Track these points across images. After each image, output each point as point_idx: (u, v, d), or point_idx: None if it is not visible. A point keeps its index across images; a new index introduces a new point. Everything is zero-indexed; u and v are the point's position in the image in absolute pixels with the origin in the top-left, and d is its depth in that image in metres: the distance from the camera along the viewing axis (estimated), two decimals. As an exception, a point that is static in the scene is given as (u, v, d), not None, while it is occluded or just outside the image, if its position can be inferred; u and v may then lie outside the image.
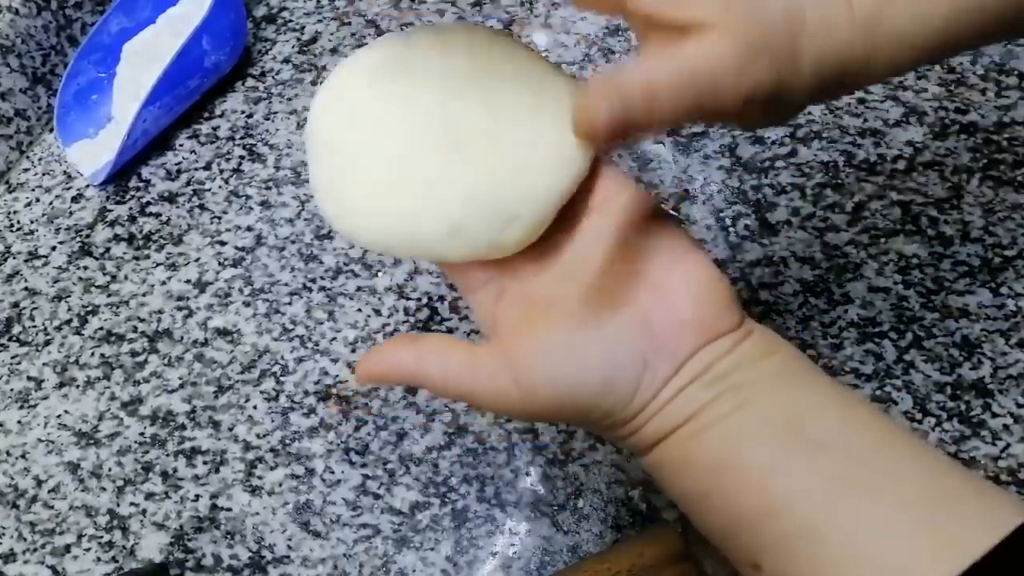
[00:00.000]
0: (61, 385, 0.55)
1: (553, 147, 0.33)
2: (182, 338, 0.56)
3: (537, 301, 0.34)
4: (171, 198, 0.63)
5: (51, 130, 0.69)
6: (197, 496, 0.50)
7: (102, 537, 0.49)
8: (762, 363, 0.32)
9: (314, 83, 0.67)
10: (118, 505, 0.50)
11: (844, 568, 0.28)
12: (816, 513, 0.29)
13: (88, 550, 0.49)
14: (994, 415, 0.47)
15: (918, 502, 0.28)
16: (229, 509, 0.49)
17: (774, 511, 0.30)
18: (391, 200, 0.34)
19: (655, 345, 0.32)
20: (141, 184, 0.64)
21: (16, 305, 0.60)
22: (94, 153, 0.66)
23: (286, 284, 0.57)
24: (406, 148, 0.34)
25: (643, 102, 0.30)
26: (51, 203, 0.65)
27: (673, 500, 0.34)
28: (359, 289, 0.56)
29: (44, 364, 0.56)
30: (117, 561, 0.48)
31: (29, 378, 0.56)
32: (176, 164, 0.65)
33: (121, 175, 0.65)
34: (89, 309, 0.58)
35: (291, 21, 0.72)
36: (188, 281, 0.59)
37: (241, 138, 0.66)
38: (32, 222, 0.64)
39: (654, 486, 0.47)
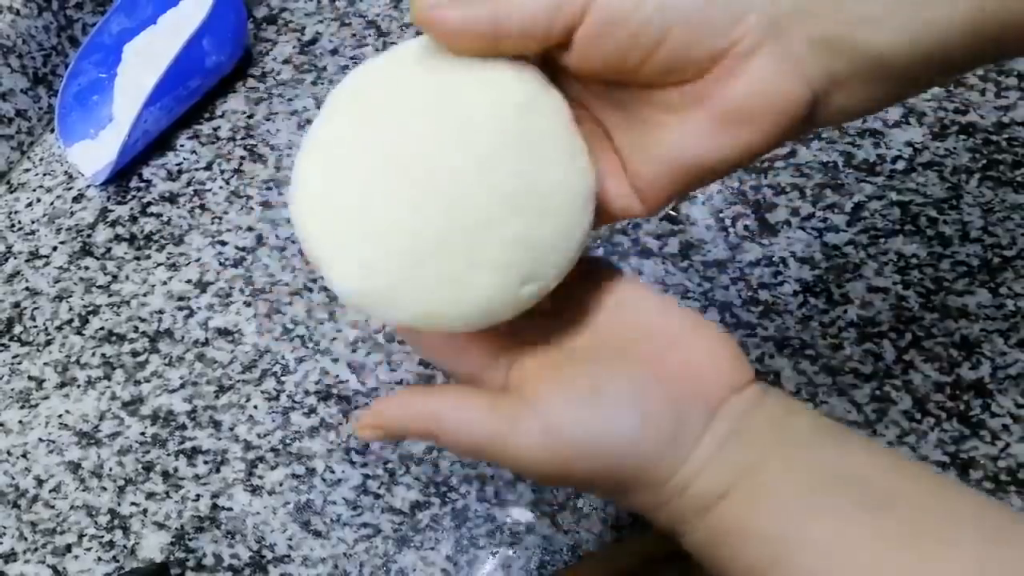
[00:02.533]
0: (62, 385, 0.55)
1: (566, 194, 0.31)
2: (183, 338, 0.56)
3: (557, 350, 0.32)
4: (172, 198, 0.63)
5: (52, 130, 0.69)
6: (198, 496, 0.50)
7: (103, 537, 0.49)
8: (794, 420, 0.31)
9: (315, 83, 0.68)
10: (119, 505, 0.50)
11: None
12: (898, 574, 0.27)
13: (89, 550, 0.49)
14: (993, 415, 0.47)
15: (991, 549, 0.27)
16: (230, 509, 0.49)
17: None
18: (398, 267, 0.30)
19: (684, 393, 0.30)
20: (142, 184, 0.64)
21: (17, 305, 0.60)
22: (95, 153, 0.66)
23: (287, 284, 0.57)
24: (413, 196, 0.30)
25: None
26: (52, 203, 0.65)
27: (725, 574, 0.31)
28: (359, 289, 0.56)
29: (45, 364, 0.57)
30: (118, 561, 0.49)
31: (30, 378, 0.56)
32: (177, 164, 0.65)
33: (122, 175, 0.65)
34: (90, 309, 0.59)
35: (292, 22, 0.72)
36: (189, 281, 0.59)
37: (242, 138, 0.66)
38: (33, 222, 0.64)
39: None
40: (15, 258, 0.62)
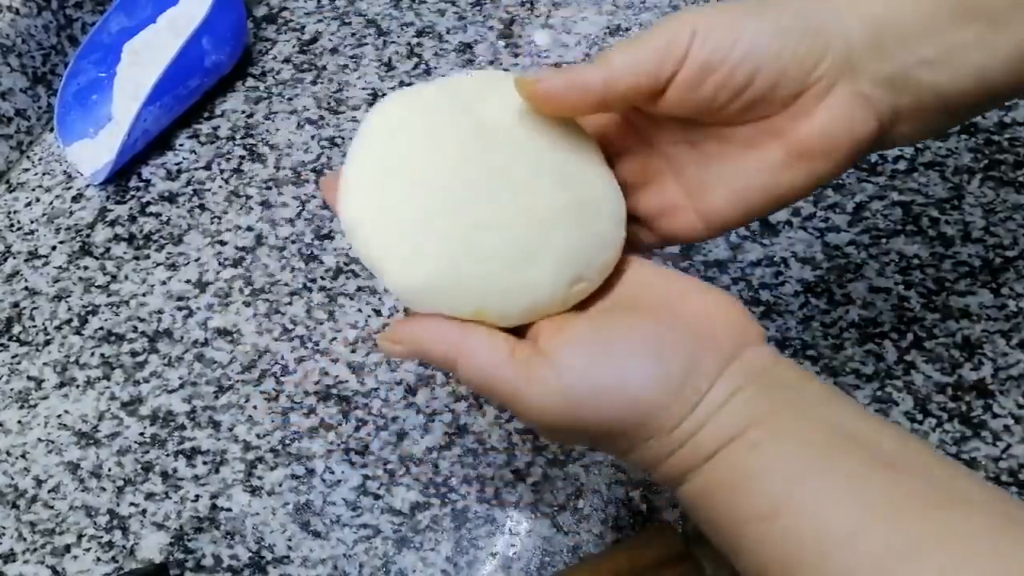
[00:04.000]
0: (61, 385, 0.55)
1: (608, 207, 0.34)
2: (182, 338, 0.56)
3: (570, 311, 0.34)
4: (171, 198, 0.63)
5: (51, 130, 0.69)
6: (197, 496, 0.50)
7: (102, 537, 0.49)
8: (806, 383, 0.31)
9: (315, 83, 0.68)
10: (118, 505, 0.50)
11: None
12: (915, 533, 0.27)
13: (88, 550, 0.49)
14: (995, 416, 0.47)
15: (997, 521, 0.27)
16: (229, 509, 0.49)
17: (864, 529, 0.27)
18: (455, 257, 0.32)
19: (696, 341, 0.31)
20: (141, 184, 0.64)
21: (16, 305, 0.60)
22: (94, 153, 0.66)
23: (286, 284, 0.57)
24: (476, 202, 0.32)
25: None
26: (51, 203, 0.65)
27: (718, 525, 0.30)
28: (359, 289, 0.56)
29: (44, 364, 0.56)
30: (117, 561, 0.48)
31: (29, 378, 0.56)
32: (176, 164, 0.65)
33: (121, 175, 0.65)
34: (89, 309, 0.58)
35: (291, 21, 0.72)
36: (188, 281, 0.59)
37: (241, 138, 0.65)
38: (32, 222, 0.64)
39: (654, 486, 0.47)
40: (14, 258, 0.62)
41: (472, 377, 0.32)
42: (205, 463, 0.51)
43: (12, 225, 0.64)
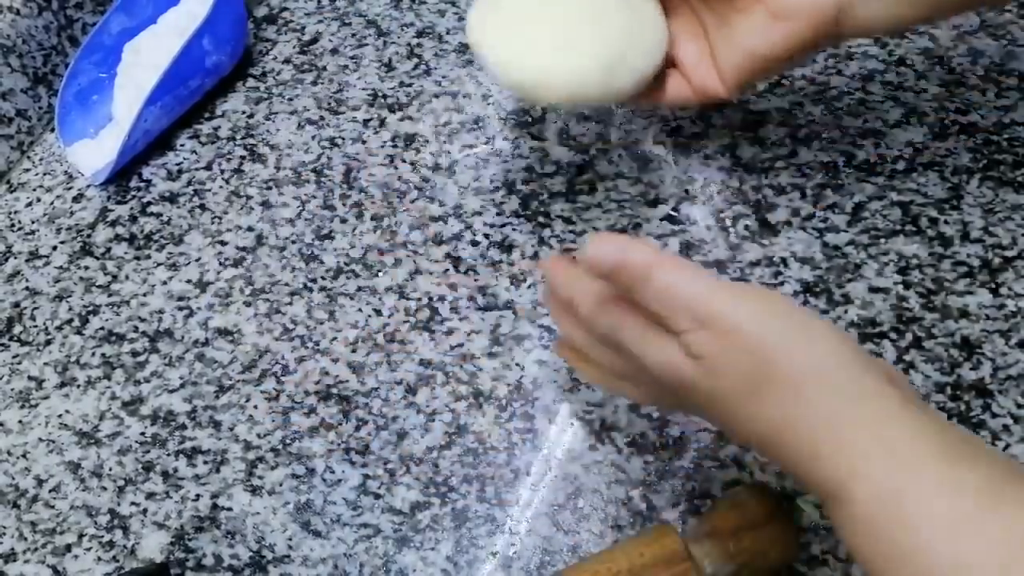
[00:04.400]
0: (62, 385, 0.55)
1: (655, 24, 0.47)
2: (183, 338, 0.56)
3: None
4: (172, 198, 0.63)
5: (52, 130, 0.69)
6: (198, 496, 0.50)
7: (103, 537, 0.49)
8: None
9: (315, 83, 0.68)
10: (119, 505, 0.50)
11: None
12: None
13: (89, 550, 0.49)
14: (994, 415, 0.47)
15: None
16: (230, 509, 0.49)
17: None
18: (549, 49, 0.46)
19: None
20: (142, 184, 0.64)
21: (17, 305, 0.60)
22: (95, 153, 0.66)
23: (287, 284, 0.57)
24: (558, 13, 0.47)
25: None
26: (52, 203, 0.65)
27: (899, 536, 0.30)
28: (359, 289, 0.56)
29: (45, 364, 0.57)
30: (118, 561, 0.49)
31: (30, 378, 0.56)
32: (177, 164, 0.65)
33: (122, 175, 0.65)
34: (90, 309, 0.59)
35: (292, 21, 0.72)
36: (189, 281, 0.59)
37: (242, 138, 0.66)
38: (33, 222, 0.64)
39: (654, 486, 0.47)
40: (15, 258, 0.62)
41: (668, 283, 0.34)
42: (206, 463, 0.51)
43: (13, 225, 0.64)
